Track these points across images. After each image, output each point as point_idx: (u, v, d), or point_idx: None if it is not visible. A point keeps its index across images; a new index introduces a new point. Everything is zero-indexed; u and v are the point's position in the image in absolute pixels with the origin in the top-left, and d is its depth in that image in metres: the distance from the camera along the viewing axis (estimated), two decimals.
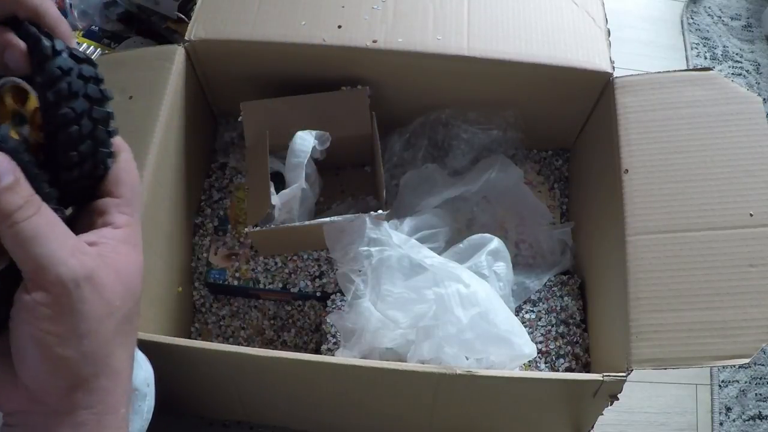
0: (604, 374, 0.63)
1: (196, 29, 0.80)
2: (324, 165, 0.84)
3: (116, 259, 0.32)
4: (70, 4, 1.06)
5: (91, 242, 0.32)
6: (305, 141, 0.79)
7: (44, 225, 0.29)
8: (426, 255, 0.75)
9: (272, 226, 0.79)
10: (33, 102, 0.32)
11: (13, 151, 0.30)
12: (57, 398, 0.31)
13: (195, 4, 0.84)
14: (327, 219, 0.78)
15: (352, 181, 0.92)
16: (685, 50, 1.26)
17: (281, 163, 0.81)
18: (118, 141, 0.35)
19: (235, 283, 0.85)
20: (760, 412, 0.93)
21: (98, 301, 0.31)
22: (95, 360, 0.31)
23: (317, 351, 0.82)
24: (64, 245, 0.30)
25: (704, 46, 1.27)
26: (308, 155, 0.79)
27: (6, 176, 0.29)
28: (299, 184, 0.79)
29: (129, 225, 0.34)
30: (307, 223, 0.79)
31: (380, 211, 0.78)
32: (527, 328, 0.81)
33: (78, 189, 0.33)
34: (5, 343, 0.31)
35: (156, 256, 0.75)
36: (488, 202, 0.89)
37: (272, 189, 0.79)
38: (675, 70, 0.77)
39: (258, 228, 0.78)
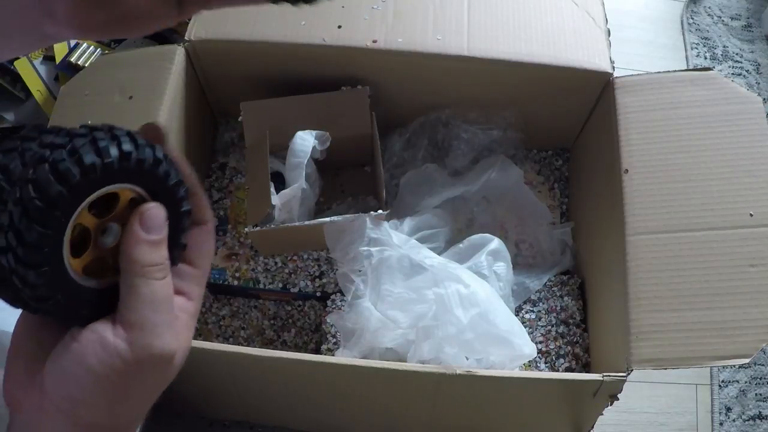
0: (604, 374, 0.63)
1: (196, 29, 0.80)
2: (324, 165, 0.84)
3: (183, 339, 0.32)
4: None
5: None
6: (305, 141, 0.79)
7: (162, 294, 0.30)
8: (426, 255, 0.75)
9: (272, 226, 0.79)
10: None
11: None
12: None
13: None
14: (327, 219, 0.78)
15: (352, 181, 0.92)
16: (685, 50, 1.26)
17: (281, 163, 0.81)
18: (205, 211, 0.35)
19: (235, 283, 0.85)
20: (760, 412, 0.93)
21: (159, 379, 0.31)
22: (125, 422, 0.32)
23: (317, 351, 0.82)
24: (167, 320, 0.30)
25: (704, 46, 1.27)
26: (308, 155, 0.79)
27: (157, 231, 0.30)
28: (299, 184, 0.79)
29: (200, 298, 0.34)
30: (307, 223, 0.79)
31: (380, 211, 0.78)
32: (527, 328, 0.81)
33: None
34: (46, 344, 0.30)
35: None
36: (488, 202, 0.89)
37: (272, 189, 0.79)
38: (675, 70, 0.77)
39: (258, 228, 0.78)
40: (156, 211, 0.30)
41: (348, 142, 0.83)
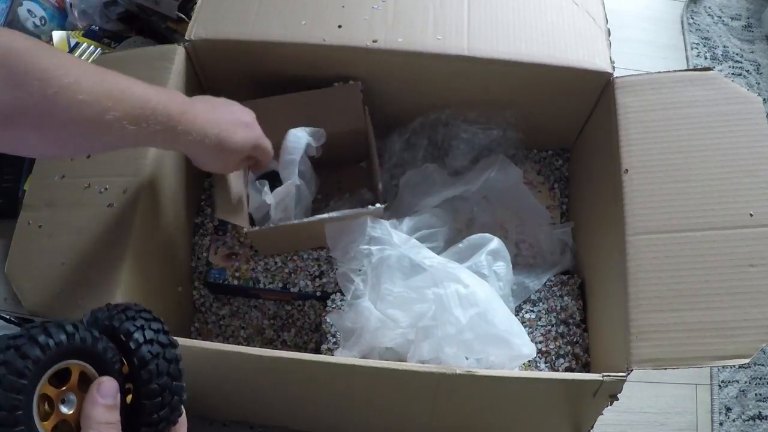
0: (604, 374, 0.63)
1: (196, 29, 0.80)
2: (320, 162, 0.84)
3: None
4: (70, 4, 1.06)
5: None
6: (298, 138, 0.79)
7: None
8: (426, 255, 0.75)
9: (270, 225, 0.79)
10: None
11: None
12: None
13: (195, 3, 0.84)
14: (325, 215, 0.78)
15: (349, 177, 0.92)
16: (685, 50, 1.26)
17: (276, 162, 0.81)
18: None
19: (235, 282, 0.85)
20: (760, 412, 0.93)
21: None
22: None
23: (317, 351, 0.82)
24: None
25: (704, 46, 1.27)
26: (302, 152, 0.79)
27: (111, 398, 0.39)
28: (293, 180, 0.79)
29: None
30: (306, 220, 0.78)
31: (377, 205, 0.77)
32: (527, 328, 0.81)
33: None
34: None
35: (156, 255, 0.75)
36: (488, 202, 0.89)
37: (267, 188, 0.79)
38: (675, 70, 0.77)
39: (257, 228, 0.78)
40: (110, 383, 0.39)
41: (343, 137, 0.83)
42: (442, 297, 0.71)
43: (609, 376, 0.63)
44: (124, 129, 0.54)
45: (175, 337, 0.45)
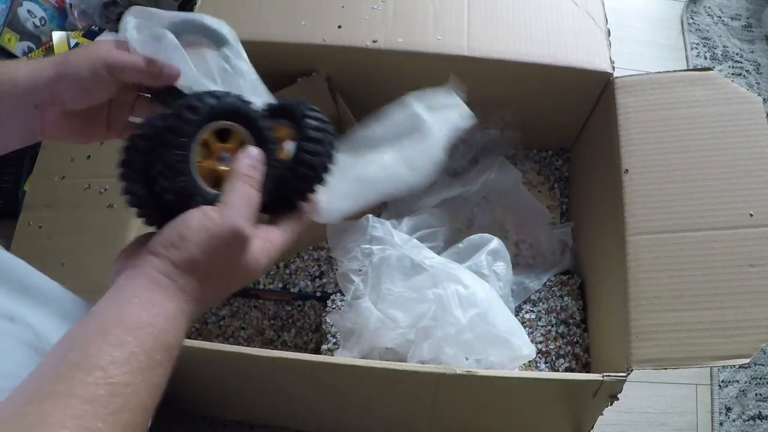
0: (604, 374, 0.63)
1: None
2: None
3: (260, 245, 0.44)
4: (70, 4, 1.06)
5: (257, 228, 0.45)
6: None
7: (250, 193, 0.43)
8: (426, 256, 0.75)
9: None
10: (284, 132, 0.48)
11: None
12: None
13: (195, 4, 0.84)
14: None
15: None
16: (685, 50, 1.26)
17: None
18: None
19: None
20: (760, 412, 0.93)
21: (231, 255, 0.41)
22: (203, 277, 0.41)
23: (317, 351, 0.82)
24: (249, 212, 0.42)
25: (704, 46, 1.27)
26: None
27: (255, 159, 0.44)
28: None
29: (282, 237, 0.46)
30: None
31: None
32: (527, 328, 0.81)
33: (291, 197, 0.47)
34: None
35: None
36: (488, 202, 0.89)
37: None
38: (675, 70, 0.77)
39: None
40: (257, 149, 0.44)
41: None
42: (443, 297, 0.71)
43: (609, 376, 0.63)
44: None
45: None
